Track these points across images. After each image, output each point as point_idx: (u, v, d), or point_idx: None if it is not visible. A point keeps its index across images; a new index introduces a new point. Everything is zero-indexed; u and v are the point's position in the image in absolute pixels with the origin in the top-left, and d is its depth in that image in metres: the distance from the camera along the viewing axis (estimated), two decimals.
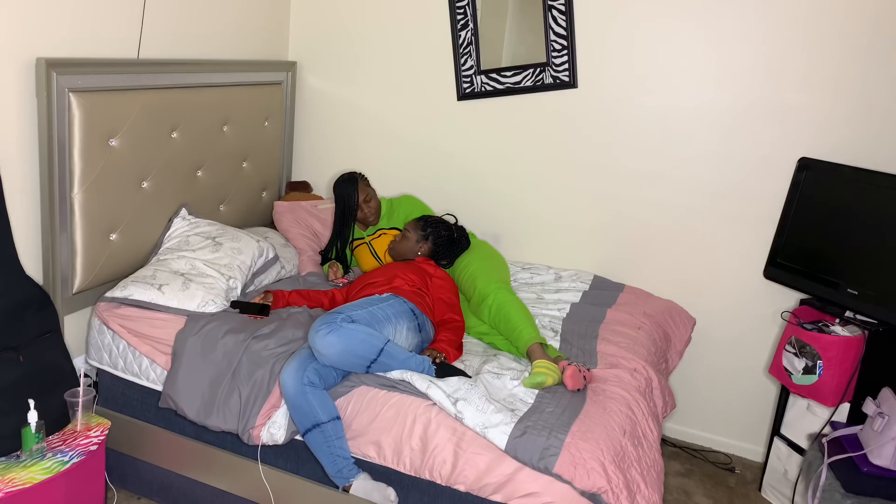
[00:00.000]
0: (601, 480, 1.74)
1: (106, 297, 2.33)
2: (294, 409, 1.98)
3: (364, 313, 2.09)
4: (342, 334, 1.97)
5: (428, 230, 2.64)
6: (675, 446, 2.95)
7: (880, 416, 1.94)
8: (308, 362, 2.01)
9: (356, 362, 2.02)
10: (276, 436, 2.04)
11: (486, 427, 1.85)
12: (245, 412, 2.07)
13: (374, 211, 2.81)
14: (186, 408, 2.14)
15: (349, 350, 1.98)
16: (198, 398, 2.14)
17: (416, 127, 3.20)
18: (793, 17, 2.54)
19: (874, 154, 2.50)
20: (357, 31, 3.21)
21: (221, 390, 2.12)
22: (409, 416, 1.95)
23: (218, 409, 2.11)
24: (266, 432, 2.05)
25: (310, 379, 1.97)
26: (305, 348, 2.08)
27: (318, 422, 1.96)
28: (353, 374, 2.08)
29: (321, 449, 1.97)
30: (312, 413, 1.96)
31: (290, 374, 1.98)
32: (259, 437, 2.05)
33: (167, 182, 2.58)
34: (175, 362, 2.19)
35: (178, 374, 2.17)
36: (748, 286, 2.78)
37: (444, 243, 2.64)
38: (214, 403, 2.12)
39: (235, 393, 2.10)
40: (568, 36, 2.83)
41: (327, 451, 1.97)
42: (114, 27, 2.36)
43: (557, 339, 2.41)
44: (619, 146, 2.87)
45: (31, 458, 1.91)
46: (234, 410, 2.09)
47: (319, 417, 1.96)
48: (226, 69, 2.83)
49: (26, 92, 2.10)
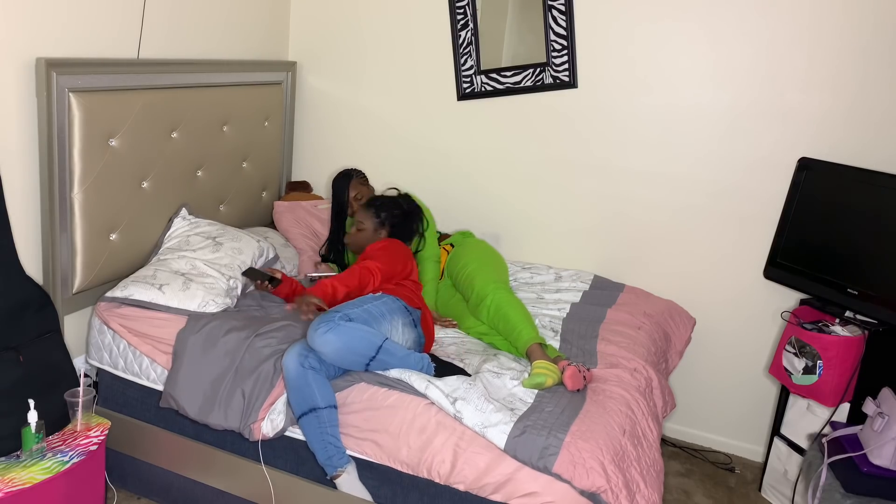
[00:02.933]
0: (600, 480, 1.74)
1: (106, 296, 2.33)
2: (294, 390, 1.98)
3: (360, 311, 2.09)
4: (340, 332, 1.97)
5: (382, 214, 2.57)
6: (675, 446, 2.95)
7: (880, 416, 1.94)
8: (310, 348, 2.02)
9: (355, 360, 2.01)
10: (276, 422, 2.04)
11: (486, 426, 1.85)
12: (248, 407, 2.07)
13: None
14: (188, 406, 2.14)
15: (348, 347, 1.98)
16: (199, 396, 2.14)
17: (416, 127, 3.20)
18: (793, 17, 2.54)
19: (874, 154, 2.50)
20: (357, 31, 3.21)
21: (223, 388, 2.12)
22: (407, 415, 1.95)
23: (220, 406, 2.11)
24: (267, 422, 2.04)
25: (311, 363, 1.98)
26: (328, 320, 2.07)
27: (315, 406, 1.96)
28: (352, 371, 2.08)
29: (314, 434, 1.97)
30: (311, 396, 1.96)
31: (292, 356, 1.99)
32: (259, 429, 2.05)
33: (167, 182, 2.58)
34: (176, 361, 2.19)
35: (179, 373, 2.17)
36: (748, 286, 2.78)
37: (400, 221, 2.58)
38: (216, 401, 2.11)
39: (238, 390, 2.10)
40: (568, 36, 2.83)
41: (320, 437, 1.97)
42: (114, 27, 2.36)
43: (557, 339, 2.41)
44: (619, 146, 2.87)
45: (31, 458, 1.91)
46: (236, 408, 2.09)
47: (317, 402, 1.96)
48: (226, 69, 2.83)
49: (26, 92, 2.10)
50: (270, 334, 2.19)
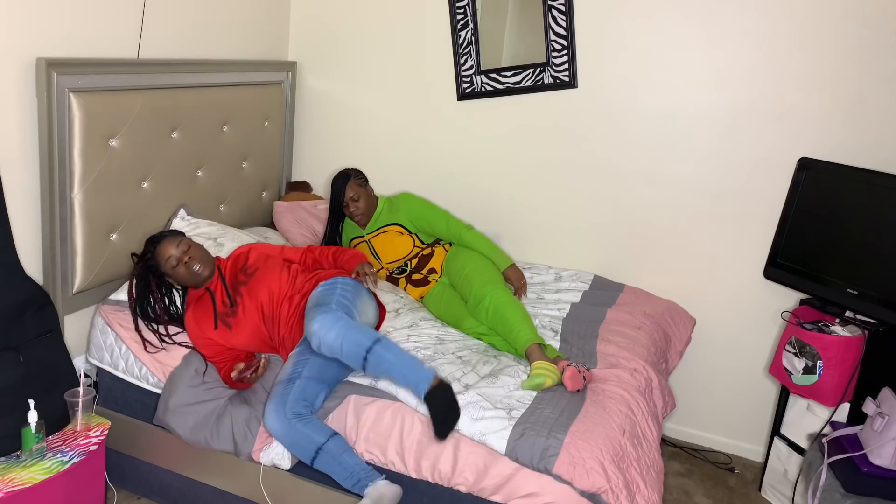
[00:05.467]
0: (601, 480, 1.74)
1: (110, 299, 2.33)
2: (291, 447, 1.94)
3: (342, 302, 2.07)
4: (339, 330, 1.94)
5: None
6: (675, 446, 2.95)
7: (880, 416, 1.94)
8: (285, 396, 1.95)
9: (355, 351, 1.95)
10: (279, 462, 2.03)
11: (485, 434, 1.84)
12: (241, 435, 2.05)
13: (360, 211, 2.76)
14: (180, 431, 2.12)
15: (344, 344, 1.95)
16: (190, 421, 2.11)
17: (416, 127, 3.20)
18: (792, 17, 2.54)
19: (874, 154, 2.50)
20: (357, 31, 3.21)
21: (213, 417, 2.10)
22: (406, 420, 1.95)
23: (212, 433, 2.08)
24: (266, 457, 2.03)
25: (294, 412, 1.92)
26: (279, 384, 2.00)
27: (319, 445, 1.92)
28: (341, 385, 2.06)
29: (333, 469, 1.92)
30: (310, 441, 1.91)
31: (272, 416, 1.93)
32: (259, 458, 2.04)
33: (167, 182, 2.58)
34: (169, 384, 2.18)
35: (171, 397, 2.14)
36: (748, 286, 2.78)
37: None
38: (206, 428, 2.09)
39: (228, 418, 2.08)
40: (568, 36, 2.83)
41: (340, 469, 1.92)
42: (114, 27, 2.36)
43: (557, 339, 2.41)
44: (619, 146, 2.87)
45: (31, 458, 1.91)
46: (228, 437, 2.07)
47: (318, 441, 1.92)
48: (226, 69, 2.83)
49: (26, 92, 2.10)
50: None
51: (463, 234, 2.68)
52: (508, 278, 2.60)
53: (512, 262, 2.63)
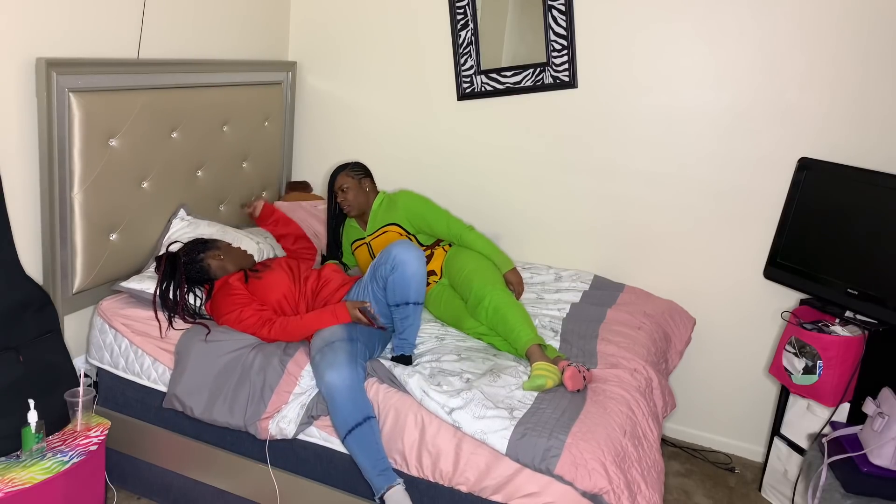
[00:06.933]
0: (602, 481, 1.73)
1: (114, 287, 2.35)
2: (342, 406, 1.90)
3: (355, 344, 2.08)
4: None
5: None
6: (675, 446, 2.95)
7: (880, 416, 1.94)
8: (354, 354, 1.97)
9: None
10: (286, 430, 2.02)
11: (486, 433, 1.84)
12: (255, 402, 2.05)
13: (348, 202, 2.72)
14: (193, 405, 2.13)
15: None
16: (204, 393, 2.12)
17: (416, 127, 3.20)
18: (792, 17, 2.54)
19: (874, 154, 2.50)
20: (357, 31, 3.21)
21: (229, 383, 2.10)
22: (409, 417, 1.94)
23: (224, 401, 2.09)
24: (275, 425, 2.03)
25: (361, 375, 1.95)
26: (343, 342, 2.02)
27: (366, 416, 1.91)
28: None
29: (367, 446, 1.89)
30: (362, 408, 1.91)
31: (344, 368, 1.92)
32: (267, 429, 2.04)
33: (167, 182, 2.58)
34: (180, 362, 2.18)
35: (184, 373, 2.15)
36: (748, 286, 2.78)
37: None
38: (220, 396, 2.10)
39: (245, 385, 2.08)
40: (568, 36, 2.83)
41: (372, 450, 1.90)
42: (114, 27, 2.36)
43: (557, 339, 2.41)
44: (618, 146, 2.87)
45: (31, 458, 1.91)
46: (242, 402, 2.07)
47: (367, 411, 1.92)
48: (226, 69, 2.83)
49: (26, 92, 2.10)
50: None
51: (464, 235, 2.66)
52: (509, 282, 2.59)
53: (513, 266, 2.61)
